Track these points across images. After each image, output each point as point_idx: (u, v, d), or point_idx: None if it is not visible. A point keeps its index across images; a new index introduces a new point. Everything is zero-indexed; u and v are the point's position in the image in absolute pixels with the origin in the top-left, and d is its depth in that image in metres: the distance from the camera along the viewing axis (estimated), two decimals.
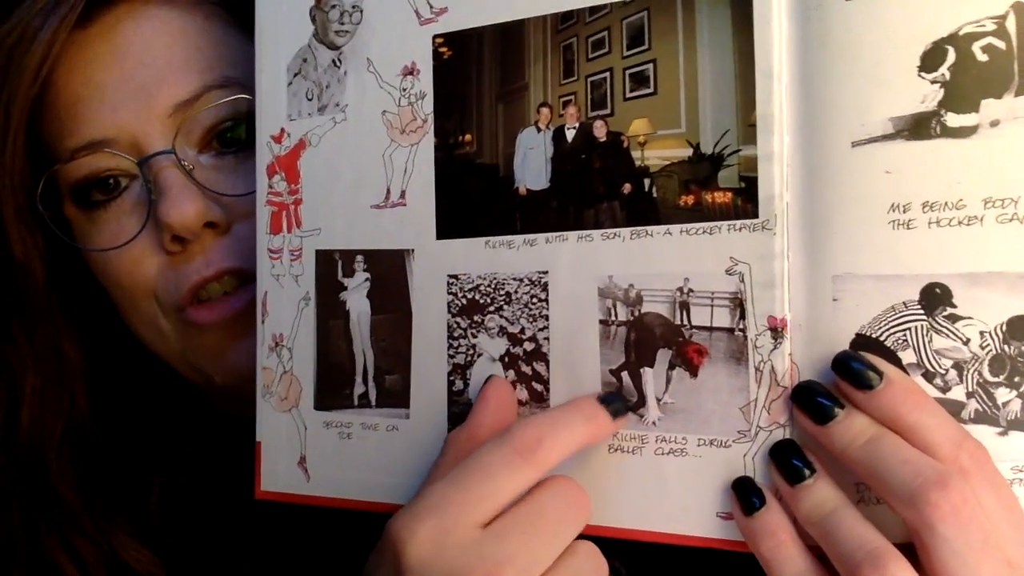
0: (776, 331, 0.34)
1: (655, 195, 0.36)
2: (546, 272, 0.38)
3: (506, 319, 0.39)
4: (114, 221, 0.50)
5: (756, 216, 0.34)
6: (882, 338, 0.33)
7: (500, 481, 0.34)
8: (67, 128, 0.50)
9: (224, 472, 0.52)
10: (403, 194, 0.42)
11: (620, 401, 0.36)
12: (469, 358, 0.40)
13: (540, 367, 0.38)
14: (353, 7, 0.44)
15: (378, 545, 0.36)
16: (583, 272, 0.38)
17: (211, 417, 0.57)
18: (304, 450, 0.44)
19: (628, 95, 0.37)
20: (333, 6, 0.44)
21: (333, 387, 0.44)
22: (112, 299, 0.53)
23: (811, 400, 0.32)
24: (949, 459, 0.30)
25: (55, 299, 0.53)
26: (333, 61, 0.44)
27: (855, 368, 0.32)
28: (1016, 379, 0.31)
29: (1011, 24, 0.31)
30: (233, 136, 0.50)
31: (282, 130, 0.46)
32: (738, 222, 0.35)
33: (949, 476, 0.29)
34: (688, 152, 0.36)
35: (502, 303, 0.39)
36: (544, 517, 0.34)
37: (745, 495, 0.33)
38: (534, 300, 0.39)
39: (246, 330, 0.48)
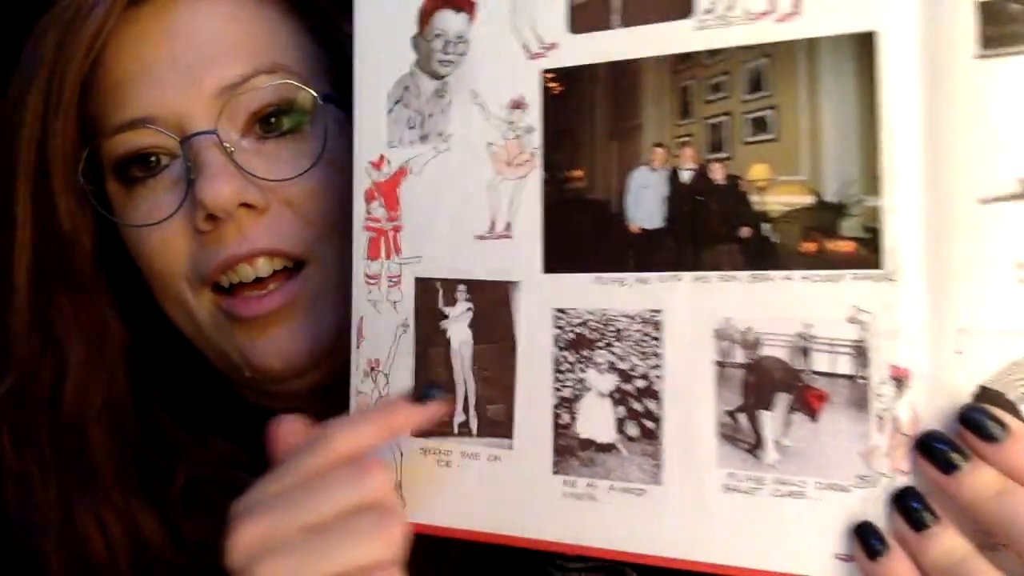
0: (899, 380, 0.35)
1: (775, 240, 0.37)
2: (659, 311, 0.39)
3: (616, 355, 0.40)
4: (151, 198, 0.51)
5: (879, 267, 0.35)
6: (1006, 392, 0.33)
7: (299, 461, 0.39)
8: (114, 104, 0.50)
9: (246, 467, 0.53)
10: (508, 226, 0.43)
11: (437, 390, 0.42)
12: (577, 392, 0.41)
13: (652, 404, 0.39)
14: (458, 38, 0.44)
15: None
16: (699, 313, 0.38)
17: (239, 409, 0.57)
18: (400, 476, 0.45)
19: (748, 139, 0.38)
20: (437, 35, 0.45)
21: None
22: (145, 278, 0.53)
23: (937, 450, 0.33)
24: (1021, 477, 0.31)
25: (102, 274, 0.54)
26: (436, 91, 0.45)
27: (981, 420, 0.32)
28: None
29: None
30: (276, 122, 0.51)
31: (382, 156, 0.46)
32: (861, 271, 0.35)
33: None
34: (810, 199, 0.36)
35: (611, 339, 0.40)
36: (313, 484, 0.38)
37: (868, 539, 0.34)
38: (646, 338, 0.39)
39: (277, 324, 0.50)
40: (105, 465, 0.53)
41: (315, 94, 0.51)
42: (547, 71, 0.42)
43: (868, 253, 0.35)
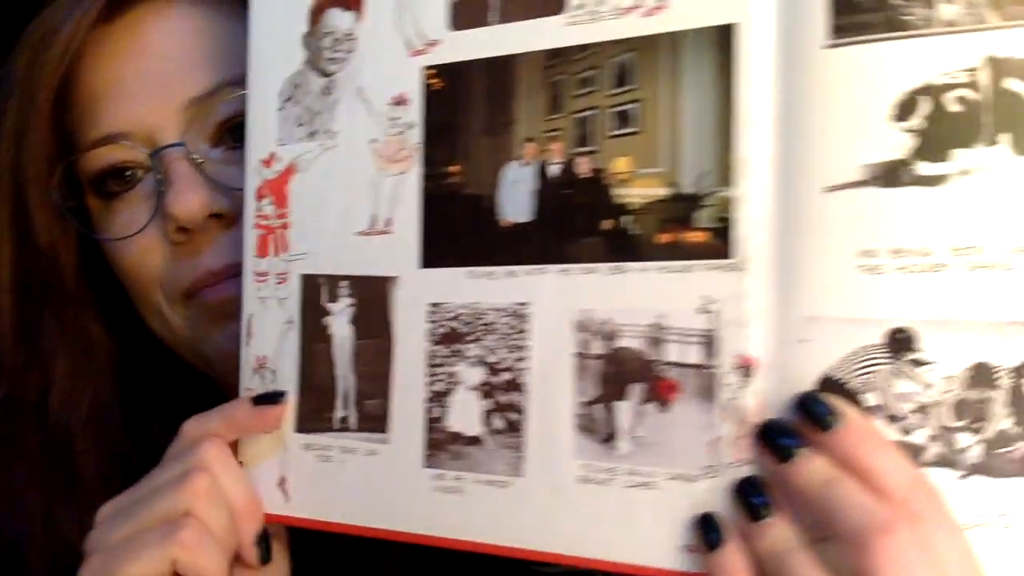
0: (745, 369, 0.35)
1: (634, 232, 0.37)
2: (525, 304, 0.39)
3: (485, 349, 0.40)
4: (127, 211, 0.52)
5: (729, 256, 0.35)
6: (846, 380, 0.33)
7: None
8: (88, 120, 0.51)
9: None
10: (389, 222, 0.43)
11: (279, 396, 0.44)
12: (448, 386, 0.41)
13: (516, 397, 0.39)
14: (346, 36, 0.45)
15: None
16: (561, 305, 0.38)
17: None
18: (284, 471, 0.45)
19: (612, 133, 0.38)
20: (327, 33, 0.45)
21: (314, 410, 0.44)
22: (125, 288, 0.54)
23: (772, 438, 0.33)
24: (901, 504, 0.30)
25: (84, 286, 0.55)
26: (324, 88, 0.45)
27: (814, 408, 0.32)
28: (977, 425, 0.32)
29: (983, 76, 0.32)
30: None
31: (272, 154, 0.46)
32: (712, 261, 0.35)
33: (895, 522, 0.29)
34: (668, 191, 0.37)
35: (481, 333, 0.40)
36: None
37: (706, 531, 0.34)
38: (513, 331, 0.39)
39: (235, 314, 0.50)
40: (90, 474, 0.53)
41: None
42: (428, 68, 0.42)
43: (719, 243, 0.35)
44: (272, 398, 0.44)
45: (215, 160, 0.50)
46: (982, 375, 0.32)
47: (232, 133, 0.51)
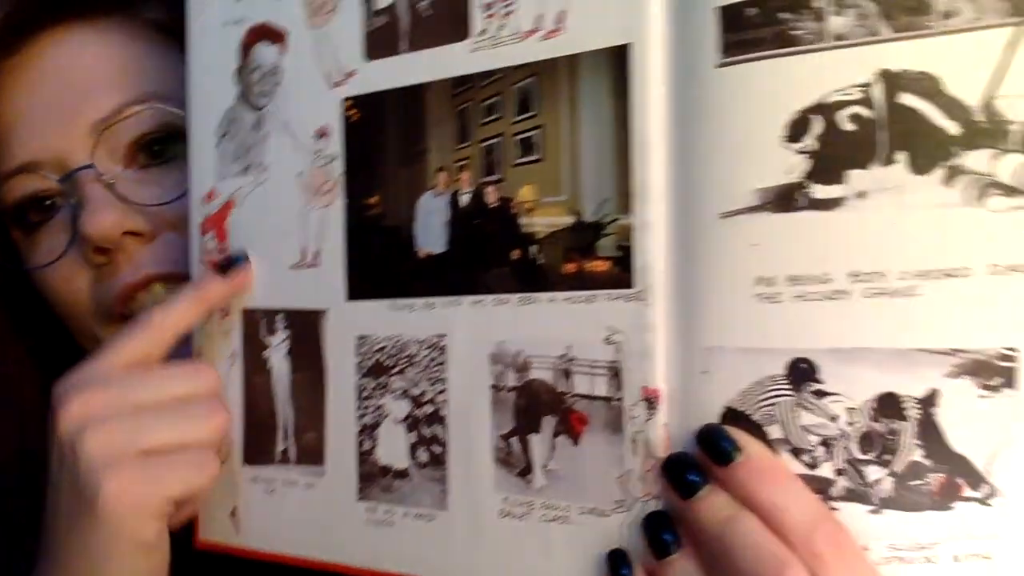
0: (650, 402, 0.34)
1: (540, 262, 0.36)
2: (443, 336, 0.39)
3: (409, 381, 0.40)
4: (48, 240, 0.53)
5: (631, 286, 0.34)
6: (750, 412, 0.32)
7: (124, 338, 0.43)
8: (1, 153, 0.52)
9: None
10: (317, 255, 0.43)
11: (240, 259, 0.44)
12: (376, 419, 0.41)
13: (439, 430, 0.39)
14: (272, 69, 0.45)
15: None
16: (477, 336, 0.38)
17: None
18: (236, 502, 0.46)
19: (517, 161, 0.37)
20: (255, 68, 0.45)
21: (259, 443, 0.45)
22: (59, 318, 0.55)
23: (675, 474, 0.32)
24: (801, 543, 0.29)
25: (8, 322, 0.56)
26: (256, 122, 0.45)
27: (713, 442, 0.31)
28: (886, 457, 0.31)
29: (877, 92, 0.30)
30: (159, 148, 0.52)
31: (212, 189, 0.47)
32: (615, 291, 0.35)
33: (788, 565, 0.28)
34: (571, 220, 0.36)
35: (404, 365, 0.40)
36: (163, 376, 0.43)
37: (616, 567, 0.33)
38: (433, 363, 0.39)
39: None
40: (18, 513, 0.53)
41: (183, 117, 0.51)
42: (347, 99, 0.42)
43: (621, 272, 0.34)
44: (234, 262, 0.45)
45: (127, 179, 0.51)
46: (888, 406, 0.30)
47: (143, 152, 0.51)
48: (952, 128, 0.30)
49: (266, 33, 0.45)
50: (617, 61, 0.35)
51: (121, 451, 0.40)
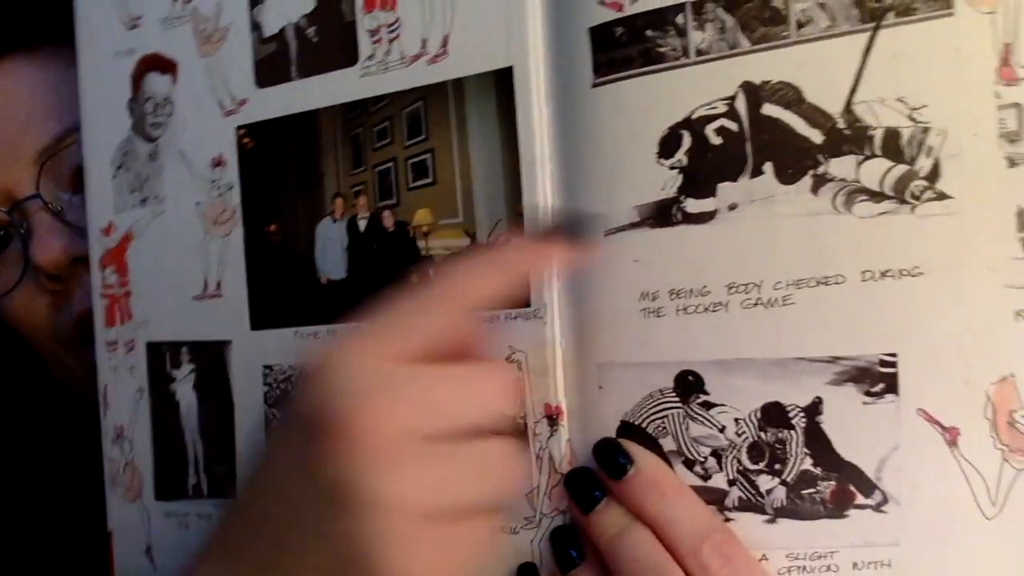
0: (552, 418, 0.34)
1: None
2: None
3: None
4: (3, 270, 0.53)
5: (528, 304, 0.35)
6: (644, 425, 0.33)
7: (409, 315, 0.29)
8: None
9: None
10: (219, 285, 0.42)
11: (574, 222, 0.32)
12: None
13: None
14: (165, 99, 0.44)
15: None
16: None
17: None
18: (150, 539, 0.45)
19: (411, 185, 0.38)
20: (147, 99, 0.45)
21: (170, 478, 0.44)
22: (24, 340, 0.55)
23: (577, 488, 0.33)
24: (689, 554, 0.30)
25: None
26: (150, 153, 0.45)
27: (607, 456, 0.32)
28: (776, 466, 0.31)
29: (740, 104, 0.31)
30: None
31: (110, 223, 0.46)
32: (513, 311, 0.35)
33: None
34: (466, 241, 0.36)
35: None
36: (465, 379, 0.29)
37: None
38: None
39: None
40: None
41: None
42: (240, 127, 0.42)
43: (518, 292, 0.35)
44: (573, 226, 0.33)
45: (75, 206, 0.51)
46: (774, 415, 0.31)
47: None
48: (815, 136, 0.31)
49: (157, 63, 0.44)
50: (501, 84, 0.35)
51: (421, 512, 0.27)
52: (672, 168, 0.32)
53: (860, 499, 0.31)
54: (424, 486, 0.27)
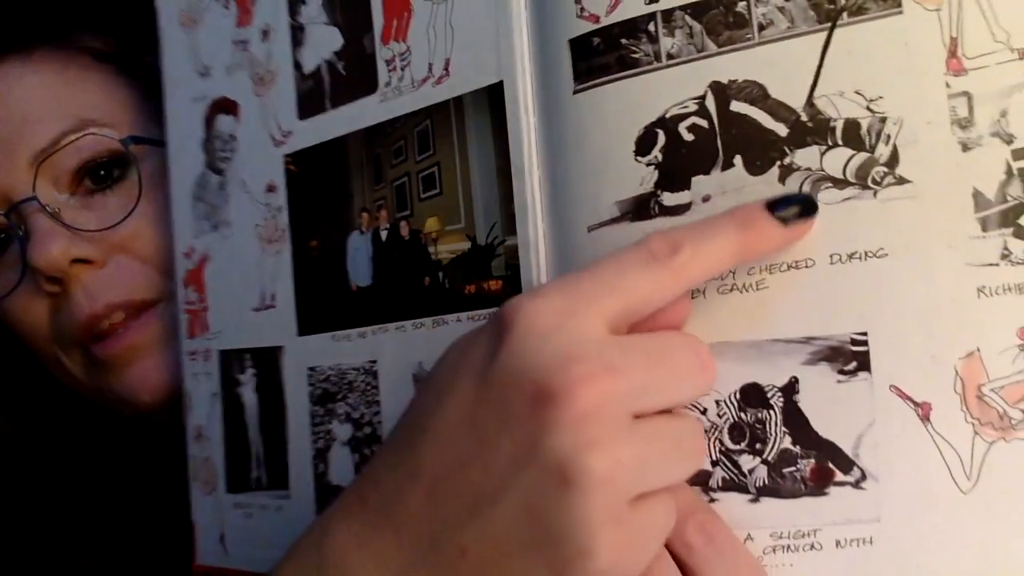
0: None
1: (447, 286, 0.40)
2: (375, 361, 0.42)
3: (350, 406, 0.44)
4: (3, 272, 0.54)
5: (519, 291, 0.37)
6: None
7: (631, 277, 0.29)
8: None
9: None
10: (273, 297, 0.47)
11: (795, 204, 0.30)
12: (327, 443, 0.45)
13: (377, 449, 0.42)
14: (230, 136, 0.50)
15: (483, 325, 0.31)
16: (401, 360, 0.41)
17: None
18: (223, 528, 0.50)
19: (422, 196, 0.41)
20: (216, 137, 0.51)
21: (239, 472, 0.49)
22: (24, 345, 0.56)
23: None
24: (673, 533, 0.30)
25: None
26: (219, 184, 0.51)
27: None
28: (758, 446, 0.32)
29: (710, 103, 0.32)
30: (105, 173, 0.53)
31: (190, 247, 0.52)
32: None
33: (656, 557, 0.29)
34: (467, 245, 0.39)
35: (346, 391, 0.44)
36: (671, 356, 0.29)
37: None
38: (368, 388, 0.43)
39: (137, 358, 0.52)
40: None
41: (119, 140, 0.53)
42: (287, 156, 0.47)
43: (512, 290, 0.37)
44: (788, 205, 0.30)
45: (72, 207, 0.52)
46: (753, 396, 0.32)
47: (88, 178, 0.53)
48: (781, 129, 0.32)
49: (223, 106, 0.50)
50: (494, 98, 0.38)
51: (628, 493, 0.27)
52: (649, 165, 0.33)
53: (839, 476, 0.31)
54: (633, 466, 0.27)
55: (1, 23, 0.53)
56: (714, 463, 0.33)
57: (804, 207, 0.30)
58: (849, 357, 0.31)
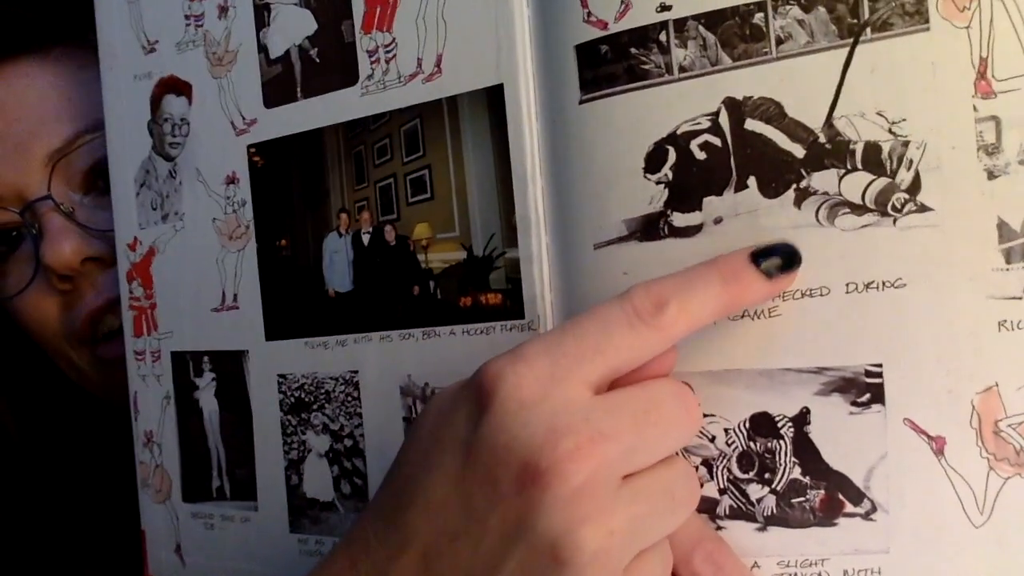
0: None
1: (439, 296, 0.38)
2: (356, 372, 0.40)
3: (328, 417, 0.41)
4: (15, 270, 0.54)
5: (522, 316, 0.36)
6: None
7: (616, 338, 0.28)
8: None
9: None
10: (235, 297, 0.44)
11: (777, 256, 0.30)
12: (301, 454, 0.42)
13: (359, 463, 0.40)
14: (182, 120, 0.46)
15: (461, 385, 0.30)
16: (386, 371, 0.39)
17: None
18: (179, 538, 0.47)
19: (410, 200, 0.39)
20: (165, 120, 0.47)
21: (196, 480, 0.47)
22: (34, 340, 0.56)
23: None
24: (681, 562, 0.30)
25: None
26: (170, 172, 0.47)
27: None
28: (766, 475, 0.32)
29: (724, 120, 0.31)
30: None
31: (135, 238, 0.48)
32: (508, 322, 0.36)
33: None
34: (463, 255, 0.37)
35: (323, 401, 0.41)
36: (658, 410, 0.29)
37: None
38: (349, 399, 0.41)
39: None
40: None
41: None
42: (251, 146, 0.43)
43: (512, 304, 0.36)
44: (770, 256, 0.30)
45: (86, 206, 0.52)
46: (762, 425, 0.32)
47: (102, 178, 0.52)
48: (797, 151, 0.31)
49: (173, 85, 0.46)
50: (493, 101, 0.36)
51: (621, 564, 0.27)
52: (658, 183, 0.32)
53: (849, 507, 0.31)
54: (626, 532, 0.27)
55: (18, 23, 0.53)
56: (722, 491, 0.33)
57: (786, 260, 0.30)
58: (863, 389, 0.30)
